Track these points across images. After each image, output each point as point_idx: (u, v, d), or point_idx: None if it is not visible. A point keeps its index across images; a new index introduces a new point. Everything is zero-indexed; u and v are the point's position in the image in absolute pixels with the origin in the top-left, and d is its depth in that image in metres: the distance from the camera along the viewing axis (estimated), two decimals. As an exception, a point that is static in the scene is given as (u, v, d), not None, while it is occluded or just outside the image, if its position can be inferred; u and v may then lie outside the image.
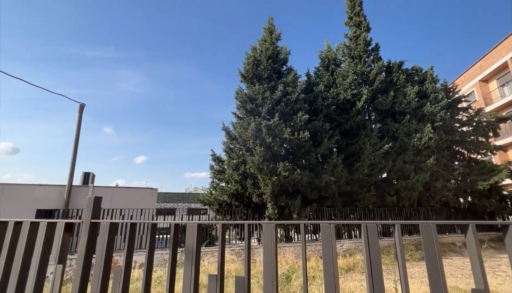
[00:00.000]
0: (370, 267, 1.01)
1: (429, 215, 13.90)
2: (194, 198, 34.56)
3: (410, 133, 13.45)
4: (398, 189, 12.97)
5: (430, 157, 13.19)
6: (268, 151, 10.75)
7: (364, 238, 1.06)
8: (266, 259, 1.17)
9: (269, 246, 1.18)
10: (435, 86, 15.15)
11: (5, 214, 9.46)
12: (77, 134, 10.91)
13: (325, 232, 1.11)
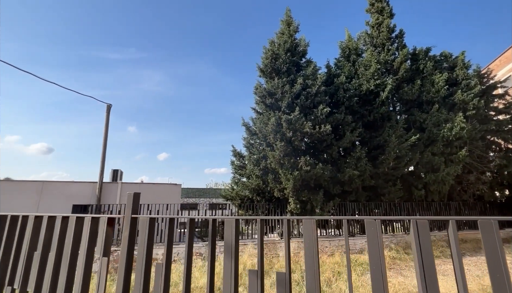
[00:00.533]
0: (422, 265, 0.96)
1: (461, 209, 13.14)
2: (214, 193, 35.25)
3: (439, 123, 12.70)
4: (427, 183, 12.35)
5: (462, 148, 12.40)
6: (288, 145, 10.65)
7: (414, 234, 1.01)
8: (308, 254, 1.15)
9: (310, 241, 1.16)
10: (466, 72, 14.14)
11: (45, 209, 10.25)
12: (106, 133, 11.48)
13: (370, 227, 1.07)
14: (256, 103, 12.63)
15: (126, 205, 1.68)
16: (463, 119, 12.29)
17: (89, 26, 71.01)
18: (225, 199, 11.85)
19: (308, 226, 1.18)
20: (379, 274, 1.02)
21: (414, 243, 0.99)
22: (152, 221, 1.57)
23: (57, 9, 64.53)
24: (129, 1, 64.42)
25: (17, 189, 11.14)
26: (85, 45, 71.73)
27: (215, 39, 77.74)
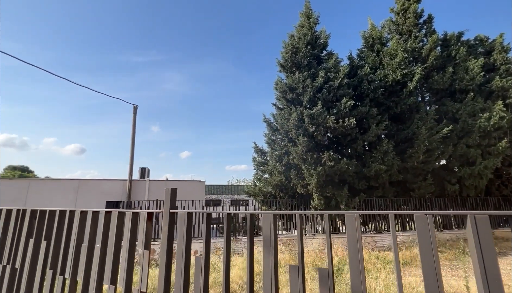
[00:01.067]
0: (482, 265, 0.88)
1: (501, 205, 12.18)
2: (236, 189, 35.67)
3: (475, 113, 11.82)
4: (461, 177, 11.59)
5: (502, 139, 11.45)
6: (311, 140, 10.48)
7: (473, 231, 0.93)
8: (352, 250, 1.12)
9: (353, 236, 1.12)
10: (506, 56, 12.99)
11: (82, 205, 11.00)
12: (133, 133, 12.03)
13: (421, 223, 1.01)
14: (276, 99, 12.53)
15: (165, 201, 1.74)
16: (503, 107, 11.34)
17: (114, 32, 74.41)
18: (248, 195, 11.95)
19: (351, 221, 1.14)
20: (432, 274, 0.96)
21: (473, 241, 0.91)
22: (189, 215, 1.61)
23: (85, 17, 68.27)
24: (147, 5, 66.51)
25: (57, 187, 12.06)
26: (111, 50, 75.34)
27: (233, 36, 78.07)
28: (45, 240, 2.09)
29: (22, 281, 2.09)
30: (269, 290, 1.25)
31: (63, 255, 1.98)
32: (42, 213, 2.18)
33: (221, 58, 79.10)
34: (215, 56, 79.56)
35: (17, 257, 2.17)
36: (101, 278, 1.78)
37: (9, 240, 2.27)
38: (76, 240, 1.95)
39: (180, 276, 1.51)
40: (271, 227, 1.31)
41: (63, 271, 1.93)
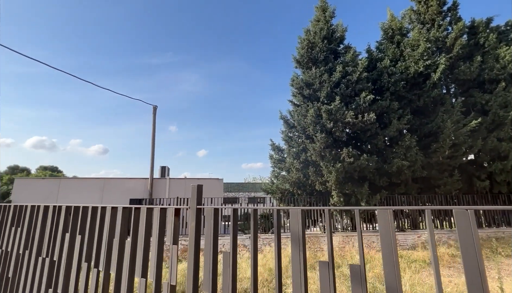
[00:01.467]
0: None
1: (537, 202, 11.35)
2: (253, 187, 35.82)
3: (507, 104, 11.07)
4: (492, 172, 10.93)
5: (538, 132, 10.65)
6: (329, 137, 10.29)
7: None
8: (386, 247, 1.08)
9: (387, 233, 1.09)
10: (542, 42, 12.01)
11: (107, 202, 11.53)
12: (153, 133, 12.41)
13: (462, 219, 0.96)
14: (293, 96, 12.41)
15: (191, 197, 1.78)
16: (539, 97, 10.53)
17: (132, 36, 76.95)
18: (266, 193, 11.97)
19: (384, 217, 1.10)
20: (476, 275, 0.91)
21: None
22: (216, 211, 1.64)
23: (106, 24, 71.15)
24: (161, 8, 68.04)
25: (84, 185, 12.73)
26: (131, 54, 77.96)
27: (246, 35, 78.06)
28: (80, 235, 2.21)
29: (60, 273, 2.22)
30: (298, 286, 1.24)
31: (96, 249, 2.08)
32: (76, 209, 2.30)
33: (236, 57, 79.43)
34: (230, 55, 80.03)
35: (55, 251, 2.31)
36: (132, 271, 1.85)
37: (47, 235, 2.43)
38: (108, 234, 2.04)
39: (208, 271, 1.54)
40: (299, 223, 1.30)
41: (97, 264, 2.03)
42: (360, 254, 1.14)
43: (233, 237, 1.53)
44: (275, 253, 1.38)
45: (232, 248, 1.50)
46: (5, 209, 2.97)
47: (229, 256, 1.49)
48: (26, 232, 2.64)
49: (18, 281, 2.56)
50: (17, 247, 2.68)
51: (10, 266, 2.68)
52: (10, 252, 2.73)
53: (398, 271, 1.05)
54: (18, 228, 2.75)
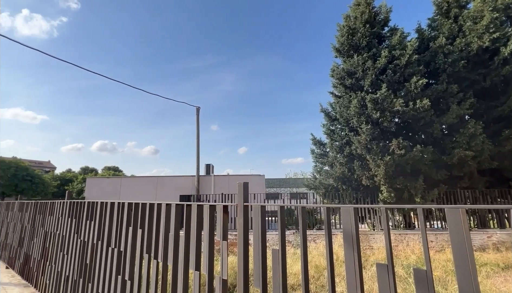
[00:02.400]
0: None
1: None
2: (294, 183, 35.45)
3: None
4: None
5: None
6: (376, 128, 9.59)
7: None
8: (458, 250, 0.95)
9: (459, 234, 0.95)
10: None
11: (161, 198, 12.61)
12: (197, 132, 13.09)
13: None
14: (333, 87, 11.85)
15: (238, 194, 1.82)
16: None
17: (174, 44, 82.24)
18: (308, 188, 11.71)
19: (455, 217, 0.97)
20: None
21: None
22: (263, 208, 1.65)
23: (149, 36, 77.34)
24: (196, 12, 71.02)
25: (141, 183, 14.12)
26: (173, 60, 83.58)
27: (281, 28, 77.00)
28: (140, 229, 2.44)
29: (126, 262, 2.49)
30: (353, 287, 1.18)
31: (155, 241, 2.27)
32: (136, 205, 2.55)
33: (272, 53, 79.01)
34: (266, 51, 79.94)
35: (121, 242, 2.60)
36: (187, 263, 1.98)
37: (114, 228, 2.74)
38: (164, 229, 2.21)
39: (258, 267, 1.56)
40: (352, 222, 1.23)
41: (156, 256, 2.22)
42: (426, 257, 1.02)
43: (281, 234, 1.52)
44: (327, 252, 1.33)
45: (281, 245, 1.50)
46: (82, 205, 3.44)
47: (278, 253, 1.48)
48: (98, 224, 3.02)
49: (94, 267, 2.94)
50: (91, 237, 3.08)
51: (87, 254, 3.10)
52: (87, 242, 3.15)
53: (475, 277, 0.91)
54: (92, 221, 3.16)
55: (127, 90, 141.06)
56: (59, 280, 3.56)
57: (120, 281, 2.49)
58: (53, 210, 4.24)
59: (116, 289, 2.53)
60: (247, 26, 76.99)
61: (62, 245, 3.69)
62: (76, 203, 3.58)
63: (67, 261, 3.46)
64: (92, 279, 2.92)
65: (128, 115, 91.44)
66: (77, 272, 3.19)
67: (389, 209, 9.76)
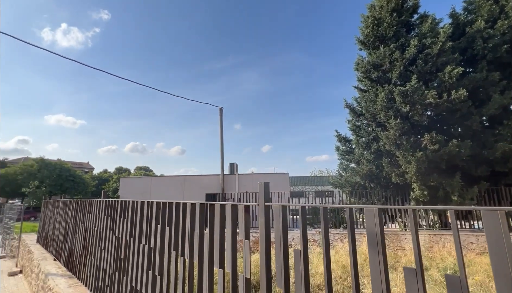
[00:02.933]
0: None
1: None
2: (320, 180, 34.76)
3: None
4: None
5: None
6: (405, 122, 9.06)
7: None
8: (496, 256, 0.87)
9: (498, 238, 0.87)
10: None
11: (188, 197, 13.09)
12: (221, 132, 13.35)
13: None
14: (358, 81, 11.39)
15: (259, 194, 1.83)
16: None
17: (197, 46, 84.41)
18: (334, 187, 11.41)
19: (493, 220, 0.89)
20: None
21: None
22: (284, 208, 1.64)
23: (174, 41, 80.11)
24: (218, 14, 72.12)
25: (169, 182, 14.76)
26: (197, 63, 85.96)
27: (301, 26, 75.65)
28: (168, 227, 2.55)
29: (156, 258, 2.62)
30: (379, 292, 1.13)
31: (181, 239, 2.37)
32: (163, 204, 2.67)
33: (293, 49, 77.94)
34: (287, 48, 79.05)
35: (151, 239, 2.74)
36: (211, 261, 2.04)
37: (144, 225, 2.90)
38: (190, 227, 2.30)
39: (280, 267, 1.57)
40: (376, 223, 1.18)
41: (183, 253, 2.31)
42: (460, 263, 0.95)
43: (303, 234, 1.50)
44: (350, 254, 1.29)
45: (303, 246, 1.48)
46: (115, 203, 3.68)
47: (300, 254, 1.47)
48: (130, 222, 3.21)
49: (128, 262, 3.14)
50: (125, 234, 3.29)
51: (122, 250, 3.31)
52: (121, 238, 3.37)
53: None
54: (125, 219, 3.37)
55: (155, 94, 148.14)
56: (97, 273, 3.85)
57: (151, 276, 2.63)
58: (91, 208, 4.59)
59: (147, 284, 2.68)
60: (268, 24, 76.60)
61: (100, 240, 3.98)
62: (111, 201, 3.84)
63: (104, 255, 3.73)
64: (126, 273, 3.12)
65: (156, 117, 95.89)
66: (113, 266, 3.43)
67: (420, 209, 9.19)
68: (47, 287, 4.79)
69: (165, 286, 2.43)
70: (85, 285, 4.27)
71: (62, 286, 4.35)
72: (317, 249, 7.73)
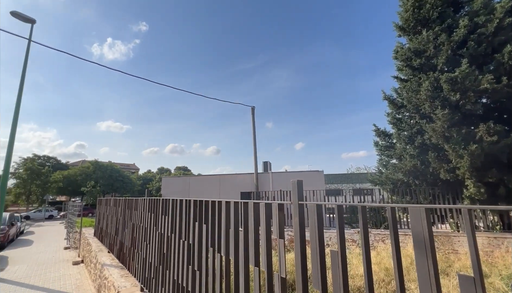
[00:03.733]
0: None
1: None
2: (357, 178, 33.17)
3: None
4: None
5: None
6: (455, 112, 8.16)
7: None
8: None
9: None
10: None
11: (224, 195, 13.49)
12: (253, 131, 13.47)
13: None
14: (398, 70, 10.57)
15: (292, 192, 1.80)
16: None
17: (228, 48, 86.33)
18: (374, 184, 10.77)
19: None
20: None
21: None
22: (319, 207, 1.59)
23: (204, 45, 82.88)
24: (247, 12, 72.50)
25: (206, 181, 15.38)
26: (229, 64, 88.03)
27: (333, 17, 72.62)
28: (205, 224, 2.65)
29: (195, 254, 2.74)
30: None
31: (217, 236, 2.44)
32: (200, 202, 2.78)
33: (323, 43, 75.33)
34: (317, 42, 76.65)
35: (190, 235, 2.88)
36: (247, 259, 2.06)
37: (184, 222, 3.05)
38: (225, 225, 2.35)
39: (316, 268, 1.52)
40: (424, 223, 1.07)
41: (220, 250, 2.38)
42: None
43: (340, 235, 1.43)
44: (393, 256, 1.19)
45: (340, 246, 1.42)
46: (157, 201, 3.94)
47: (337, 255, 1.41)
48: (171, 219, 3.41)
49: (170, 256, 3.34)
50: (167, 230, 3.50)
51: (164, 245, 3.53)
52: (163, 234, 3.59)
53: None
54: (166, 216, 3.58)
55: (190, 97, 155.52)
56: (144, 266, 4.16)
57: (191, 271, 2.76)
58: (137, 206, 4.98)
59: (188, 278, 2.82)
60: (295, 19, 75.08)
61: (145, 235, 4.30)
62: (154, 200, 4.12)
63: (149, 249, 4.02)
64: (169, 266, 3.32)
65: (192, 119, 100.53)
66: (157, 260, 3.68)
67: (477, 208, 8.21)
68: (103, 276, 5.34)
69: (204, 281, 2.52)
70: (134, 276, 4.65)
71: (115, 276, 4.80)
72: (356, 250, 7.38)
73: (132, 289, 4.16)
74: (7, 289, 6.62)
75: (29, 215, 33.61)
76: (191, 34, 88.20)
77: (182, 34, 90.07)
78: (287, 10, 73.52)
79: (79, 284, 6.80)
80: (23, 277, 7.63)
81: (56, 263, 9.20)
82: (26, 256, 10.69)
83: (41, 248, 12.27)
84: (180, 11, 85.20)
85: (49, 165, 43.45)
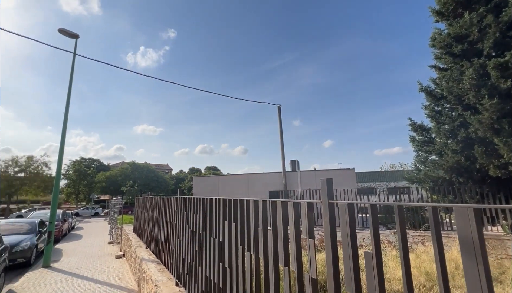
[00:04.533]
0: None
1: None
2: (392, 176, 31.34)
3: None
4: None
5: None
6: (506, 101, 7.31)
7: None
8: None
9: None
10: None
11: (252, 194, 13.60)
12: (280, 130, 13.37)
13: None
14: (436, 58, 9.75)
15: (321, 191, 1.74)
16: None
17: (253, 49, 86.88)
18: (411, 182, 10.07)
19: None
20: None
21: None
22: (350, 206, 1.52)
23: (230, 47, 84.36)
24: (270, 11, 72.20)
25: (235, 180, 15.65)
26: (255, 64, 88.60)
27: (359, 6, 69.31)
28: (234, 222, 2.69)
29: (225, 252, 2.79)
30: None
31: (247, 235, 2.46)
32: (229, 201, 2.82)
33: (351, 35, 72.26)
34: (344, 35, 73.79)
35: (220, 233, 2.94)
36: (276, 258, 2.05)
37: (214, 220, 3.13)
38: (254, 223, 2.36)
39: (349, 270, 1.46)
40: (472, 225, 0.96)
41: (249, 248, 2.39)
42: None
43: (374, 236, 1.35)
44: (436, 259, 1.09)
45: (375, 248, 1.34)
46: (189, 200, 4.09)
47: (372, 256, 1.33)
48: (201, 217, 3.52)
49: (202, 253, 3.45)
50: (198, 228, 3.62)
51: (196, 242, 3.66)
52: (195, 231, 3.72)
53: None
54: (197, 214, 3.71)
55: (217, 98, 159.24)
56: (178, 261, 4.35)
57: (222, 268, 2.82)
58: (170, 204, 5.22)
59: (219, 275, 2.88)
60: (323, 14, 72.98)
61: (178, 233, 4.49)
62: (185, 198, 4.29)
63: (183, 246, 4.19)
64: (201, 263, 3.43)
65: (220, 120, 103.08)
66: (190, 256, 3.82)
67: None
68: (142, 270, 5.69)
69: (234, 279, 2.56)
70: (169, 270, 4.89)
71: (152, 270, 5.09)
72: (392, 252, 6.97)
73: (168, 283, 4.37)
74: (63, 278, 7.38)
75: (78, 212, 37.21)
76: (216, 39, 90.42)
77: (209, 40, 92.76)
78: (314, 6, 71.84)
79: (122, 277, 7.33)
80: (74, 268, 8.45)
81: (101, 256, 10.03)
82: (77, 249, 11.81)
83: (89, 242, 13.47)
84: (207, 14, 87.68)
85: (93, 167, 47.52)
